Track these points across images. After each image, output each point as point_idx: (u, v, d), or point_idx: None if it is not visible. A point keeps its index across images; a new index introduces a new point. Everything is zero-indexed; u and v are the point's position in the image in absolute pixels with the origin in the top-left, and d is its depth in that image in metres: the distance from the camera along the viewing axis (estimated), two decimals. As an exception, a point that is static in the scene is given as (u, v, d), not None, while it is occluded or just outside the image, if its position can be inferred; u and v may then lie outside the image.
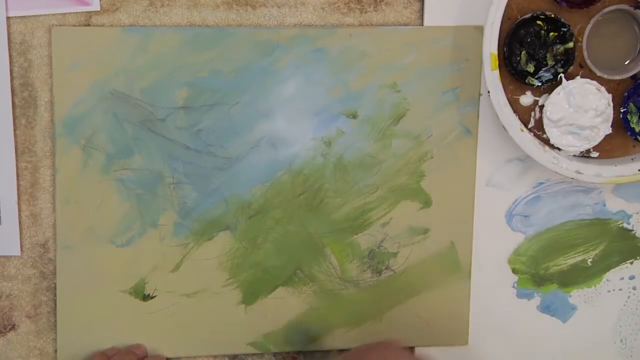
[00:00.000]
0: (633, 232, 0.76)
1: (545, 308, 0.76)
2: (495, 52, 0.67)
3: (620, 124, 0.70)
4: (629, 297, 0.77)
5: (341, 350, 0.73)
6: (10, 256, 0.70)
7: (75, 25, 0.68)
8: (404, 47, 0.71)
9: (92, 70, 0.68)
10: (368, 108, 0.71)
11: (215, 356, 0.73)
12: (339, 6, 0.71)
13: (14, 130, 0.68)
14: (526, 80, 0.69)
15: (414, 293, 0.74)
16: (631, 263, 0.76)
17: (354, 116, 0.71)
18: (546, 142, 0.69)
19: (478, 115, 0.72)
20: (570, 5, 0.68)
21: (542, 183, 0.74)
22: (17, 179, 0.69)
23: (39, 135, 0.69)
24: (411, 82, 0.71)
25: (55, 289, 0.70)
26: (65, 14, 0.68)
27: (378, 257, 0.73)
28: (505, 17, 0.67)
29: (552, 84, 0.69)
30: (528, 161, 0.73)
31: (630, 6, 0.69)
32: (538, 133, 0.70)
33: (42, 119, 0.69)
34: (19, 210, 0.69)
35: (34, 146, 0.69)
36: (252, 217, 0.71)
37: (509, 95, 0.69)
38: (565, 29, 0.68)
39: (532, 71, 0.69)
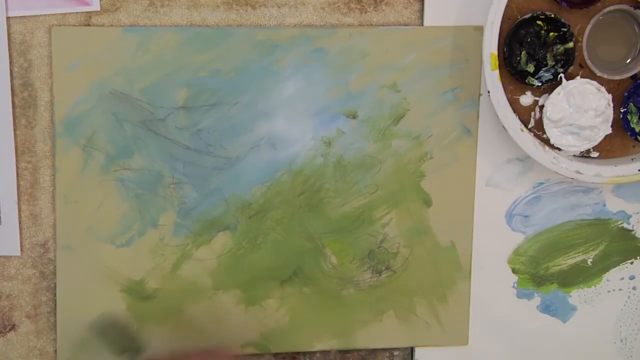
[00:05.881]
0: (633, 232, 0.76)
1: (545, 308, 0.76)
2: (495, 52, 0.67)
3: (620, 124, 0.70)
4: (629, 297, 0.77)
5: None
6: (10, 256, 0.70)
7: (75, 25, 0.68)
8: (404, 47, 0.71)
9: (92, 70, 0.68)
10: (368, 108, 0.71)
11: (215, 356, 0.73)
12: (339, 6, 0.71)
13: (14, 130, 0.68)
14: (526, 80, 0.69)
15: (414, 293, 0.74)
16: (631, 263, 0.76)
17: (354, 116, 0.71)
18: (546, 142, 0.69)
19: (478, 115, 0.72)
20: (570, 5, 0.68)
21: (542, 183, 0.74)
22: (17, 179, 0.69)
23: (39, 135, 0.69)
24: (411, 82, 0.71)
25: (55, 289, 0.70)
26: (65, 14, 0.68)
27: (378, 257, 0.73)
28: (505, 17, 0.67)
29: (552, 84, 0.69)
30: (528, 161, 0.73)
31: (630, 6, 0.69)
32: (538, 133, 0.70)
33: (42, 119, 0.69)
34: (19, 210, 0.69)
35: (34, 146, 0.69)
36: (252, 217, 0.71)
37: (509, 95, 0.69)
38: (565, 29, 0.68)
39: (532, 71, 0.69)
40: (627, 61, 0.71)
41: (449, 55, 0.71)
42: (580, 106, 0.68)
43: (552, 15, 0.67)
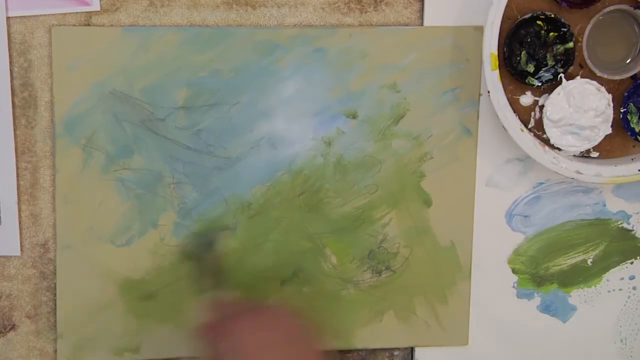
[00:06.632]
0: (633, 232, 0.76)
1: (545, 308, 0.76)
2: (495, 52, 0.67)
3: (620, 124, 0.70)
4: (629, 297, 0.77)
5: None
6: (10, 256, 0.70)
7: (75, 25, 0.68)
8: (404, 47, 0.71)
9: (92, 70, 0.68)
10: (368, 108, 0.71)
11: (215, 356, 0.73)
12: (339, 6, 0.71)
13: (14, 130, 0.68)
14: (526, 80, 0.69)
15: (414, 293, 0.74)
16: (631, 263, 0.76)
17: (354, 116, 0.71)
18: (546, 142, 0.69)
19: (478, 115, 0.72)
20: (570, 5, 0.68)
21: (542, 183, 0.74)
22: (17, 179, 0.69)
23: (39, 135, 0.69)
24: (411, 82, 0.71)
25: (55, 289, 0.70)
26: (65, 14, 0.68)
27: (378, 257, 0.73)
28: (505, 17, 0.67)
29: (552, 84, 0.69)
30: (528, 161, 0.73)
31: (630, 6, 0.69)
32: (538, 133, 0.70)
33: (42, 119, 0.69)
34: (19, 210, 0.69)
35: (34, 146, 0.69)
36: (252, 217, 0.71)
37: (509, 95, 0.69)
38: (565, 29, 0.68)
39: (532, 71, 0.69)
40: (627, 61, 0.71)
41: (449, 55, 0.71)
42: (580, 106, 0.68)
43: (552, 15, 0.67)
